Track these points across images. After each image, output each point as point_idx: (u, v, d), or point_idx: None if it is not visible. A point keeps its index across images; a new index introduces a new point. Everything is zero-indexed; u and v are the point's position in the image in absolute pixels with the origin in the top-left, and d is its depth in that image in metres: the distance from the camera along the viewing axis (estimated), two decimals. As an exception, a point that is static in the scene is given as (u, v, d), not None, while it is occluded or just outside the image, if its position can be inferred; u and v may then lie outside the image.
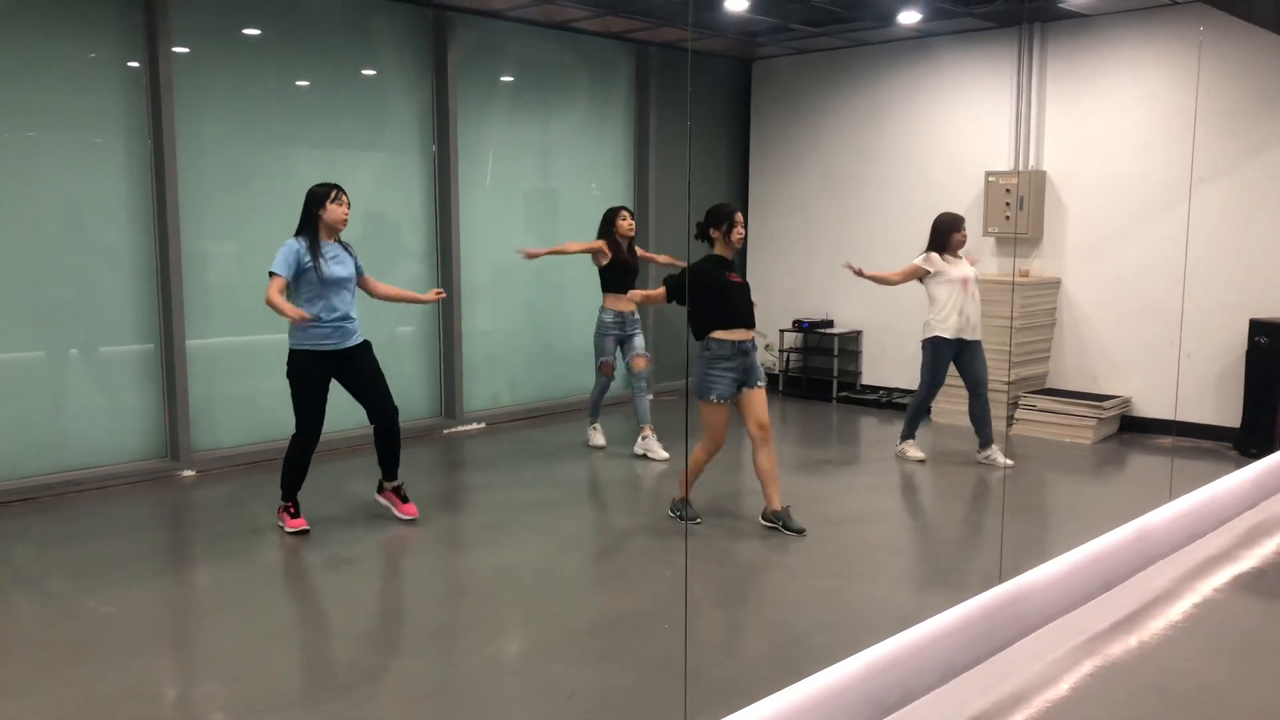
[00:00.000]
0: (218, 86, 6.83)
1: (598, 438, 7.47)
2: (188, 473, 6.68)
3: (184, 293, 6.66)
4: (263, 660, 3.97)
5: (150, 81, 6.47)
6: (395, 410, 5.61)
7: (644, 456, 7.18)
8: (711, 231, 5.49)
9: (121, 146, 6.46)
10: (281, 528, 5.47)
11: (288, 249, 5.24)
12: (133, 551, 5.23)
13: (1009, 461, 7.04)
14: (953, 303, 6.88)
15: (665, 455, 7.13)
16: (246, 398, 7.10)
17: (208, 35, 6.78)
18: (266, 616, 4.42)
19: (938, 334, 6.93)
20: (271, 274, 5.19)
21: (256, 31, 7.03)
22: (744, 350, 5.42)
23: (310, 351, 5.30)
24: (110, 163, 6.43)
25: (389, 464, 5.70)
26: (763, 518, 5.60)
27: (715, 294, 5.39)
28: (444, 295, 6.01)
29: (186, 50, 6.67)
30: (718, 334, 5.39)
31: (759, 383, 5.49)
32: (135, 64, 6.47)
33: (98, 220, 6.42)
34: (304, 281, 5.26)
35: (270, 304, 5.14)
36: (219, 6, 6.83)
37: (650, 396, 7.44)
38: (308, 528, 5.45)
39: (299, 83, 7.28)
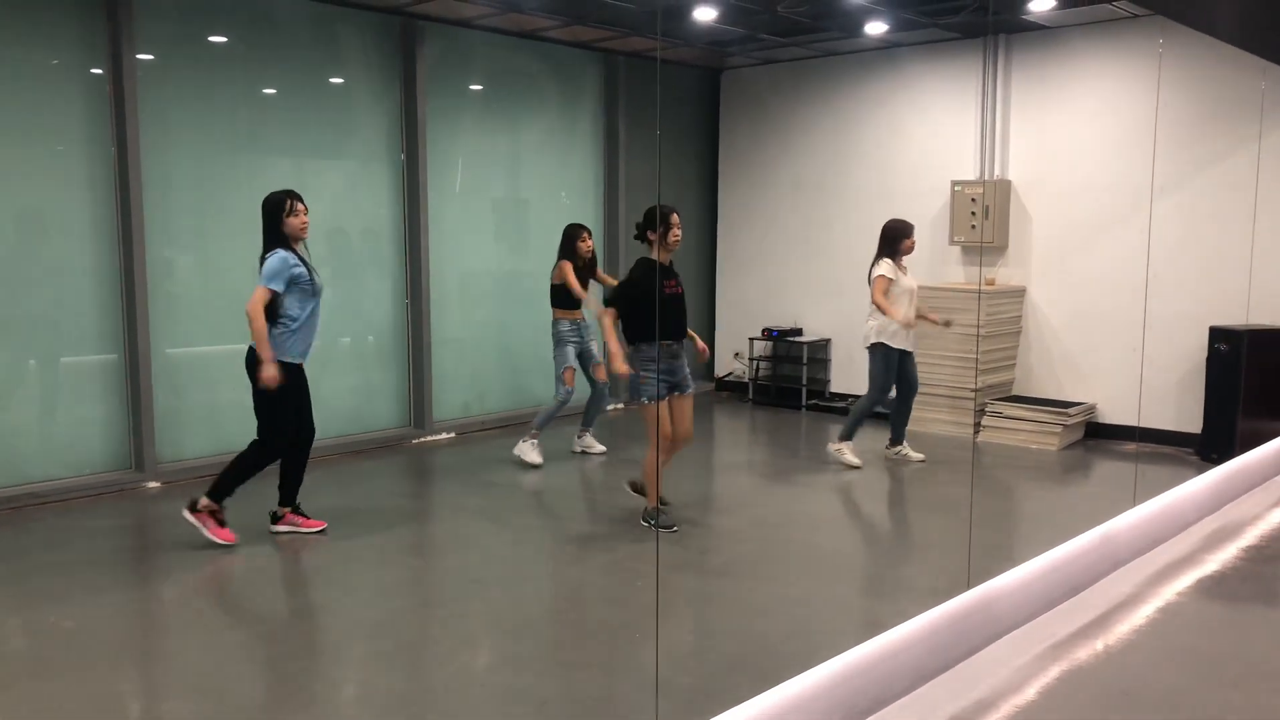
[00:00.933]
0: (183, 94, 6.77)
1: (532, 454, 7.14)
2: (153, 484, 6.60)
3: (149, 302, 6.58)
4: (228, 674, 3.93)
5: (114, 89, 6.40)
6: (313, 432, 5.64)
7: (583, 453, 7.51)
8: (649, 234, 5.59)
9: (84, 155, 6.38)
10: (199, 529, 5.33)
11: (280, 260, 5.17)
12: (95, 564, 5.16)
13: (921, 456, 7.33)
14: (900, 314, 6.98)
15: (603, 448, 7.54)
16: (213, 408, 7.02)
17: (172, 43, 6.72)
18: (232, 630, 4.38)
19: (885, 341, 7.02)
20: (263, 286, 5.13)
21: (223, 39, 6.98)
22: (673, 354, 5.54)
23: (289, 365, 5.30)
24: (73, 171, 6.35)
25: (296, 487, 5.62)
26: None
27: (649, 305, 5.46)
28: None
29: (151, 58, 6.61)
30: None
31: (688, 389, 5.61)
32: (98, 71, 6.40)
33: (60, 229, 6.33)
34: (298, 292, 5.22)
35: (252, 319, 5.09)
36: (184, 14, 6.77)
37: (610, 407, 7.49)
38: (235, 541, 5.35)
39: (266, 90, 7.23)
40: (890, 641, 3.64)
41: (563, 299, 7.16)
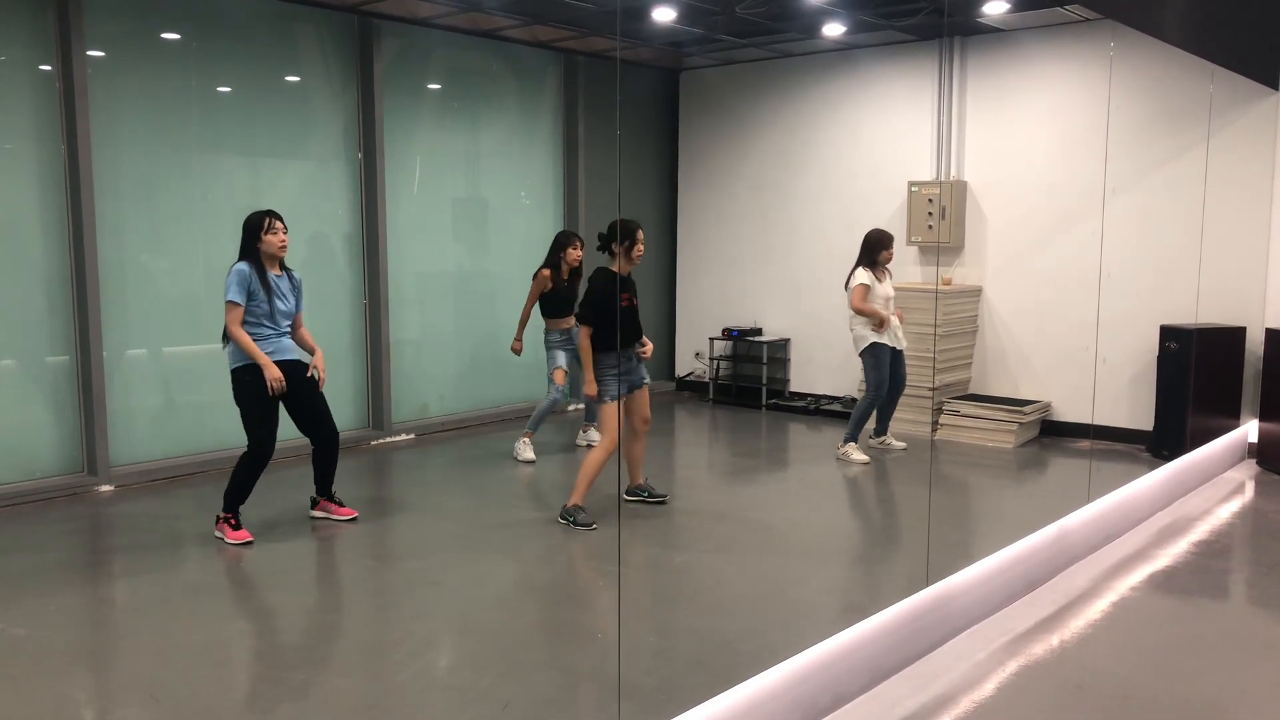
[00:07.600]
0: (135, 92, 6.67)
1: (527, 451, 7.35)
2: (105, 488, 6.50)
3: (101, 303, 6.48)
4: (185, 680, 3.87)
5: (64, 86, 6.29)
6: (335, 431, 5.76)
7: (588, 446, 7.60)
8: (613, 246, 5.70)
9: (33, 154, 6.26)
10: (221, 539, 5.40)
11: (239, 274, 5.21)
12: (46, 570, 5.06)
13: (903, 444, 7.68)
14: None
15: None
16: (167, 409, 6.92)
17: (124, 39, 6.62)
18: (189, 634, 4.31)
19: (881, 340, 7.21)
20: (228, 302, 5.19)
21: (175, 36, 6.88)
22: (628, 356, 5.82)
23: (252, 366, 5.28)
24: (22, 170, 6.23)
25: (327, 479, 5.86)
26: (627, 493, 6.13)
27: (608, 316, 5.67)
28: (323, 378, 5.64)
29: (102, 54, 6.50)
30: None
31: (644, 382, 5.94)
32: (47, 68, 6.29)
33: (8, 229, 6.21)
34: (249, 310, 5.24)
35: (235, 338, 5.20)
36: (135, 10, 6.67)
37: (573, 406, 7.51)
38: (251, 539, 5.41)
39: (220, 89, 7.14)
40: (850, 639, 3.67)
41: (550, 309, 7.23)
